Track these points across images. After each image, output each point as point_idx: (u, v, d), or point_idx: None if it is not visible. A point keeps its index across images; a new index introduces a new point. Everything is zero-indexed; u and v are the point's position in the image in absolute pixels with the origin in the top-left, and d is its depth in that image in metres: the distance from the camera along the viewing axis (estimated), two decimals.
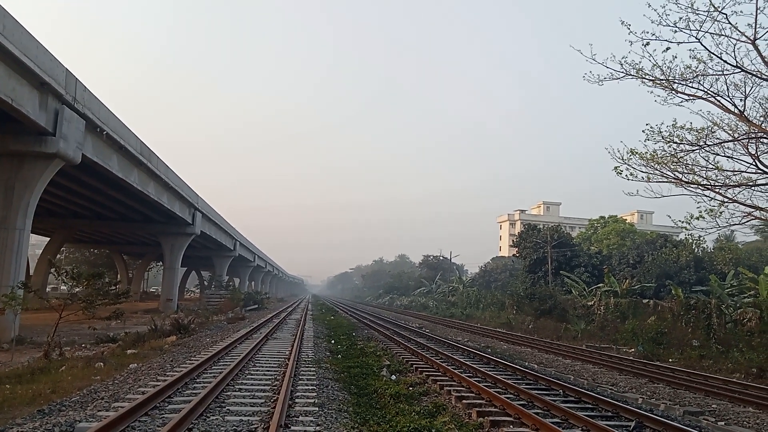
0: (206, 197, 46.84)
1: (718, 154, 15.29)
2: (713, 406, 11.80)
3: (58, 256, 55.51)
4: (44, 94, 18.88)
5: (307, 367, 13.26)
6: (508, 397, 10.26)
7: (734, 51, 13.68)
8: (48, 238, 49.40)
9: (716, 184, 15.40)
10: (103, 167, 25.09)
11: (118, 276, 63.64)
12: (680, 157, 15.55)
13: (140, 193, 31.26)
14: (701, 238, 43.67)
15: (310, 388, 10.38)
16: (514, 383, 11.91)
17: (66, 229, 46.57)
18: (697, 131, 15.19)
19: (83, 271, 21.34)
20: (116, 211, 39.53)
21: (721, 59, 13.92)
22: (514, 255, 62.46)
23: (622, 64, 14.82)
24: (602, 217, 69.81)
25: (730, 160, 15.19)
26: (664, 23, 13.68)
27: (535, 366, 17.04)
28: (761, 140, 14.77)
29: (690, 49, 14.13)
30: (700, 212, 15.50)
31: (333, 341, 20.98)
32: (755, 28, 13.35)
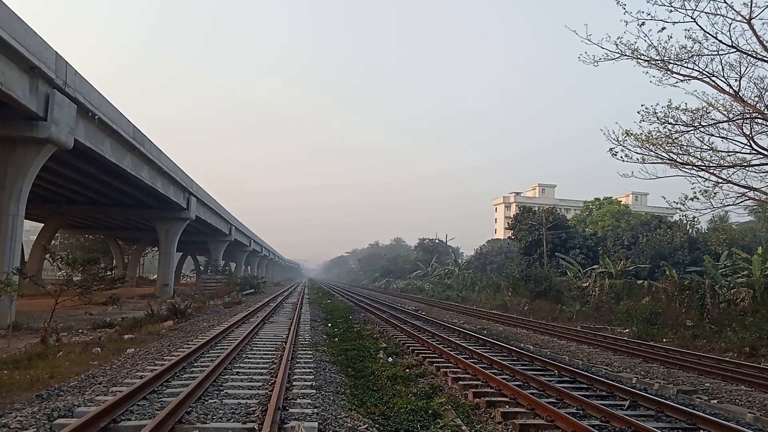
0: (200, 181, 46.68)
1: (713, 135, 15.32)
2: (706, 384, 11.94)
3: (53, 242, 55.30)
4: (34, 79, 18.64)
5: (304, 350, 13.31)
6: (503, 378, 10.35)
7: (729, 30, 13.65)
8: (42, 224, 49.18)
9: (711, 164, 15.45)
10: (96, 152, 24.88)
11: (114, 261, 63.53)
12: (675, 138, 15.57)
13: (134, 178, 31.06)
14: (695, 219, 44.00)
15: (308, 371, 10.43)
16: (510, 364, 12.01)
17: (60, 215, 46.33)
18: (692, 112, 15.20)
19: (78, 257, 21.33)
20: (110, 196, 39.32)
21: (717, 39, 13.88)
22: (509, 237, 62.60)
23: (617, 45, 14.78)
24: (597, 199, 69.97)
25: (724, 140, 15.23)
26: (660, 3, 13.61)
27: (531, 347, 17.17)
28: (756, 121, 14.78)
29: (685, 29, 14.08)
30: (695, 193, 15.58)
31: (330, 324, 21.08)
32: (751, 7, 13.30)
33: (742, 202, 15.95)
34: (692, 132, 15.39)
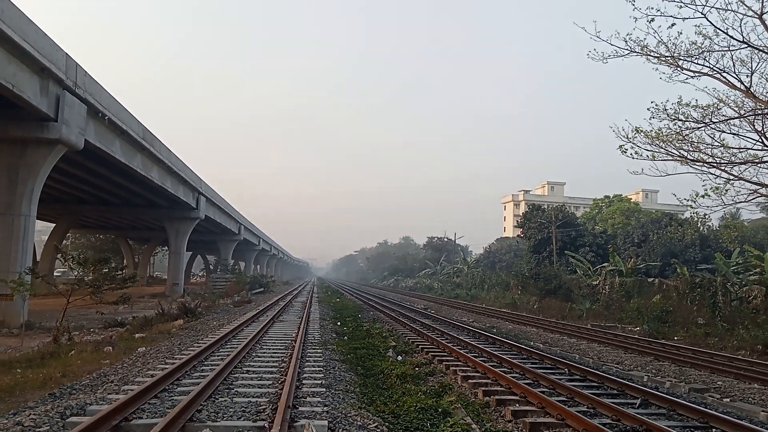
0: (212, 181, 46.96)
1: (724, 132, 15.16)
2: (718, 383, 11.85)
3: (64, 242, 55.74)
4: (45, 80, 18.78)
5: (314, 348, 13.34)
6: (513, 377, 10.32)
7: (740, 26, 13.50)
8: (53, 224, 49.60)
9: (722, 161, 15.28)
10: (106, 152, 25.05)
11: (124, 261, 63.97)
12: (686, 135, 15.42)
13: (144, 178, 31.25)
14: (706, 216, 43.49)
15: (317, 369, 10.45)
16: (520, 362, 11.97)
17: (71, 215, 46.71)
18: (702, 108, 15.04)
19: (89, 257, 21.51)
20: (120, 196, 39.60)
21: (727, 35, 13.73)
22: (518, 235, 62.43)
23: (626, 41, 14.65)
24: (607, 197, 69.63)
25: (735, 137, 15.06)
26: None
27: (541, 345, 17.12)
28: None
29: (695, 25, 13.94)
30: (706, 190, 15.41)
31: (339, 323, 21.11)
32: (762, 2, 13.15)
33: (753, 199, 15.76)
34: (703, 128, 15.24)
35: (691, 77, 14.73)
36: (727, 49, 14.01)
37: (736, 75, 14.29)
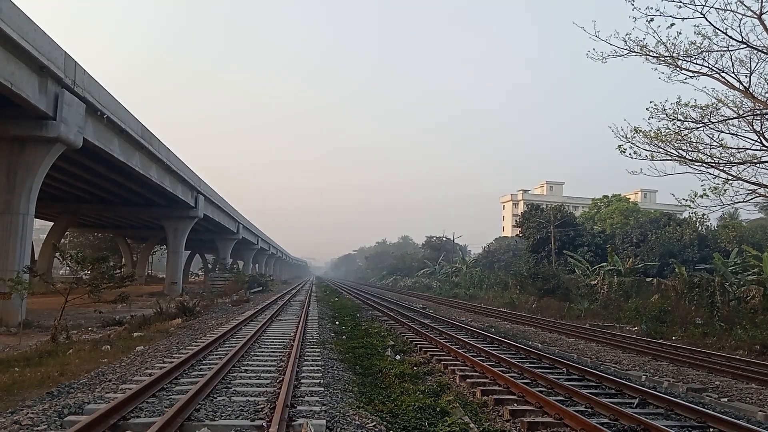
0: (208, 180, 46.84)
1: (723, 132, 15.19)
2: (716, 382, 11.86)
3: (63, 240, 55.69)
4: (44, 78, 18.74)
5: (312, 347, 13.34)
6: (512, 376, 10.33)
7: (740, 26, 13.52)
8: (52, 223, 49.55)
9: (720, 161, 15.31)
10: (105, 151, 25.01)
11: (123, 260, 63.95)
12: (684, 135, 15.44)
13: (142, 176, 31.21)
14: (705, 216, 43.62)
15: (316, 368, 10.45)
16: (518, 362, 11.98)
17: (69, 214, 46.66)
18: (701, 108, 15.07)
19: (88, 256, 21.46)
20: (119, 195, 39.55)
21: (726, 35, 13.75)
22: (517, 235, 62.47)
23: (625, 41, 14.67)
24: (606, 196, 69.73)
25: (734, 137, 15.09)
26: None
27: (539, 345, 17.13)
28: (766, 117, 14.63)
29: (695, 25, 13.96)
30: (704, 190, 15.45)
31: (337, 322, 21.10)
32: (761, 2, 13.17)
33: (752, 199, 15.80)
34: (702, 129, 15.26)
35: (690, 77, 14.76)
36: (726, 49, 14.04)
37: (735, 75, 14.32)
